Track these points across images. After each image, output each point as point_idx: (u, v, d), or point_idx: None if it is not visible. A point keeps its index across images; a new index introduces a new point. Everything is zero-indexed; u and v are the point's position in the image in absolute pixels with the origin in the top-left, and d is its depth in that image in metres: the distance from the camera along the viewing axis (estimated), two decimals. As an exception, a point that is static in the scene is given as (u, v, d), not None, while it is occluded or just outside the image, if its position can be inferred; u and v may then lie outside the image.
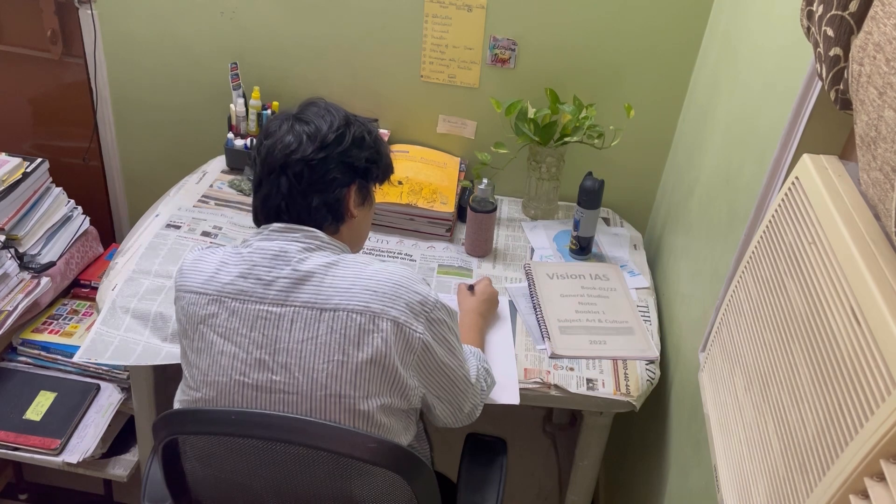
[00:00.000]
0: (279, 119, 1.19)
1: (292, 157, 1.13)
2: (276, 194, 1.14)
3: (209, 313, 1.09)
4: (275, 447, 1.06)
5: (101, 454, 1.65)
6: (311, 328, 1.05)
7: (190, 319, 1.11)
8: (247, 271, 1.09)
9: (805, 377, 0.80)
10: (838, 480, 0.68)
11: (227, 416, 1.06)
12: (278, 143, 1.14)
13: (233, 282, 1.09)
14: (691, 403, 1.40)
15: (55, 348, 1.71)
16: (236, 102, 1.90)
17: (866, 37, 0.68)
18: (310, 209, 1.15)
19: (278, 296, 1.07)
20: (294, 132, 1.15)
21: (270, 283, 1.07)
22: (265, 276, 1.08)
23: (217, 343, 1.08)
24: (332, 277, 1.08)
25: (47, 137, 2.19)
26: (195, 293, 1.10)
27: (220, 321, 1.08)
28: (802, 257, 0.85)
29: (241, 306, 1.08)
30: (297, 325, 1.06)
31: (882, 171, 0.66)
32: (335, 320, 1.05)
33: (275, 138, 1.15)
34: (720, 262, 1.33)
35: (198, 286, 1.11)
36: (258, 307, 1.07)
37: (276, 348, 1.06)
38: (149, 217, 1.75)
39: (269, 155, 1.15)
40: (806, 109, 1.03)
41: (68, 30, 1.98)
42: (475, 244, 1.74)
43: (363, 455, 1.02)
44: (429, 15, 1.80)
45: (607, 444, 1.59)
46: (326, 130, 1.16)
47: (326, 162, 1.15)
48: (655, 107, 1.83)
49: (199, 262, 1.14)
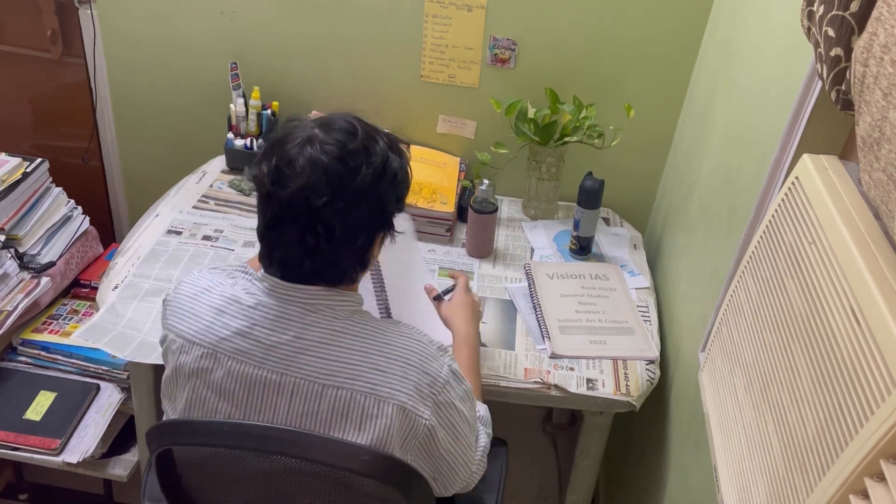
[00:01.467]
0: (301, 139, 0.99)
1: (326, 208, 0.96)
2: (298, 247, 0.99)
3: (202, 367, 1.02)
4: (269, 459, 1.02)
5: (101, 454, 1.65)
6: (312, 403, 0.99)
7: (181, 368, 1.03)
8: (247, 330, 1.01)
9: (805, 377, 0.80)
10: (838, 480, 0.68)
11: (220, 428, 1.02)
12: (306, 189, 0.95)
13: (230, 338, 1.01)
14: (691, 403, 1.40)
15: (55, 348, 1.71)
16: (236, 102, 1.90)
17: (871, 38, 0.68)
18: (336, 265, 1.02)
19: (278, 364, 0.99)
20: (326, 171, 0.96)
21: (270, 348, 1.00)
22: (265, 339, 1.00)
23: (211, 400, 1.02)
24: (339, 349, 0.99)
25: (47, 137, 2.19)
26: (187, 341, 1.03)
27: (216, 378, 1.01)
28: (802, 257, 0.85)
29: (239, 367, 1.00)
30: (297, 397, 0.99)
31: (885, 172, 0.66)
32: (337, 399, 0.98)
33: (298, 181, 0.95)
34: (720, 262, 1.33)
35: (191, 334, 1.03)
36: (257, 372, 1.00)
37: (275, 417, 1.00)
38: (149, 217, 1.75)
39: (292, 200, 0.96)
40: (806, 110, 1.03)
41: (68, 30, 1.98)
42: (476, 245, 1.74)
43: (357, 467, 0.98)
44: (429, 15, 1.80)
45: (607, 444, 1.59)
46: (364, 172, 0.98)
47: (360, 209, 1.00)
48: (655, 107, 1.83)
49: (192, 302, 1.05)
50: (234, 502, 1.14)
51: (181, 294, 1.08)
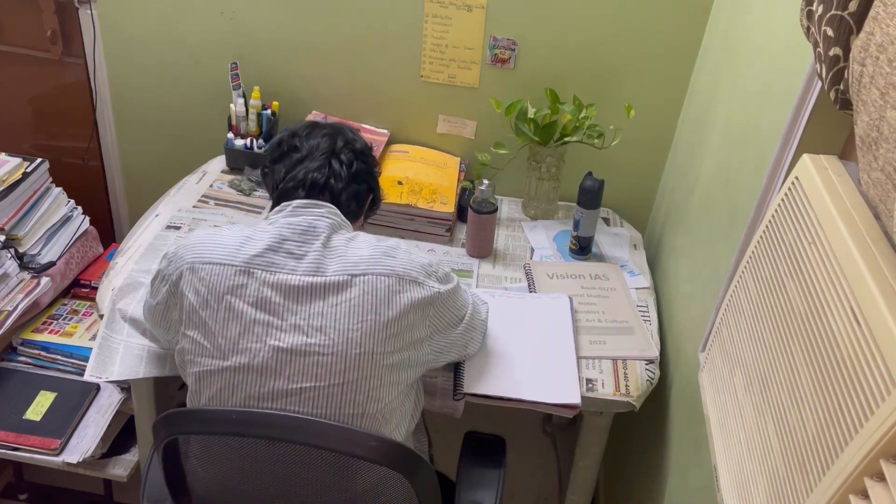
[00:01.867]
0: (311, 123, 1.35)
1: (347, 146, 1.29)
2: (327, 170, 1.24)
3: (237, 284, 1.11)
4: (276, 446, 1.07)
5: (101, 454, 1.65)
6: (345, 292, 1.11)
7: (213, 290, 1.11)
8: (276, 245, 1.13)
9: (805, 377, 0.80)
10: (838, 480, 0.68)
11: (227, 416, 1.07)
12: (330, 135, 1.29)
13: (262, 254, 1.12)
14: (691, 403, 1.40)
15: (55, 348, 1.71)
16: (236, 102, 1.90)
17: (868, 37, 0.68)
18: (348, 194, 1.26)
19: (310, 267, 1.12)
20: (342, 134, 1.31)
21: (302, 258, 1.13)
22: (296, 250, 1.13)
23: (248, 312, 1.10)
24: (355, 249, 1.16)
25: (47, 137, 2.19)
26: (219, 264, 1.12)
27: (251, 291, 1.11)
28: (802, 257, 0.85)
29: (273, 277, 1.11)
30: (330, 290, 1.11)
31: (884, 171, 0.66)
32: (366, 283, 1.12)
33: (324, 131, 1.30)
34: (720, 262, 1.33)
35: (221, 258, 1.13)
36: (290, 277, 1.11)
37: (311, 313, 1.10)
38: (149, 217, 1.75)
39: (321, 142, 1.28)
40: (806, 109, 1.03)
41: (68, 30, 1.99)
42: (476, 245, 1.74)
43: (364, 453, 1.04)
44: (429, 15, 1.80)
45: (607, 444, 1.59)
46: (364, 143, 1.35)
47: (365, 163, 1.32)
48: (655, 107, 1.83)
49: (213, 236, 1.16)
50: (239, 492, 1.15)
51: (194, 237, 1.18)
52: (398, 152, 1.94)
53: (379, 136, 1.95)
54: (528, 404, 1.37)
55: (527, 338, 1.48)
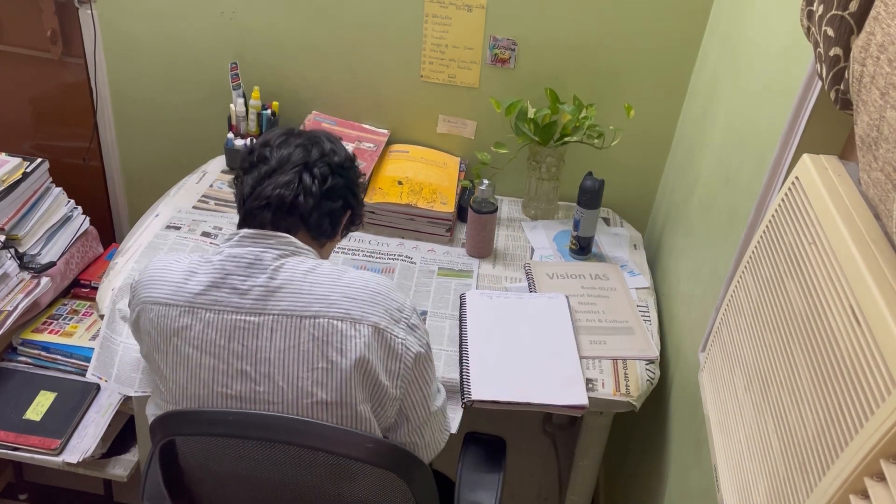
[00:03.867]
0: (287, 131, 1.21)
1: (323, 159, 1.16)
2: (296, 186, 1.12)
3: (182, 325, 1.05)
4: (273, 448, 1.05)
5: (101, 454, 1.65)
6: (293, 336, 1.03)
7: (161, 332, 1.06)
8: (220, 280, 1.06)
9: (805, 377, 0.80)
10: (838, 480, 0.68)
11: (224, 417, 1.05)
12: (306, 144, 1.17)
13: (205, 291, 1.05)
14: (691, 403, 1.40)
15: (55, 348, 1.71)
16: (236, 102, 1.90)
17: (868, 37, 0.68)
18: (320, 213, 1.15)
19: (255, 305, 1.04)
20: (318, 145, 1.18)
21: (246, 293, 1.05)
22: (240, 285, 1.05)
23: (194, 356, 1.05)
24: (311, 284, 1.06)
25: (47, 137, 2.19)
26: (163, 305, 1.06)
27: (195, 333, 1.04)
28: (802, 257, 0.85)
29: (216, 317, 1.04)
30: (277, 333, 1.03)
31: (883, 171, 0.66)
32: (316, 327, 1.03)
33: (297, 141, 1.17)
34: (720, 262, 1.33)
35: (166, 297, 1.06)
36: (235, 317, 1.04)
37: (258, 358, 1.04)
38: (149, 217, 1.75)
39: (293, 153, 1.15)
40: (806, 109, 1.03)
41: (68, 30, 1.99)
42: (476, 245, 1.74)
43: (361, 455, 1.03)
44: (429, 15, 1.80)
45: (607, 444, 1.59)
46: (344, 155, 1.22)
47: (343, 178, 1.19)
48: (655, 107, 1.83)
49: (162, 271, 1.09)
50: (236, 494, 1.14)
51: (148, 271, 1.12)
52: (398, 152, 1.94)
53: (379, 136, 1.95)
54: (537, 407, 1.37)
55: (528, 339, 1.48)
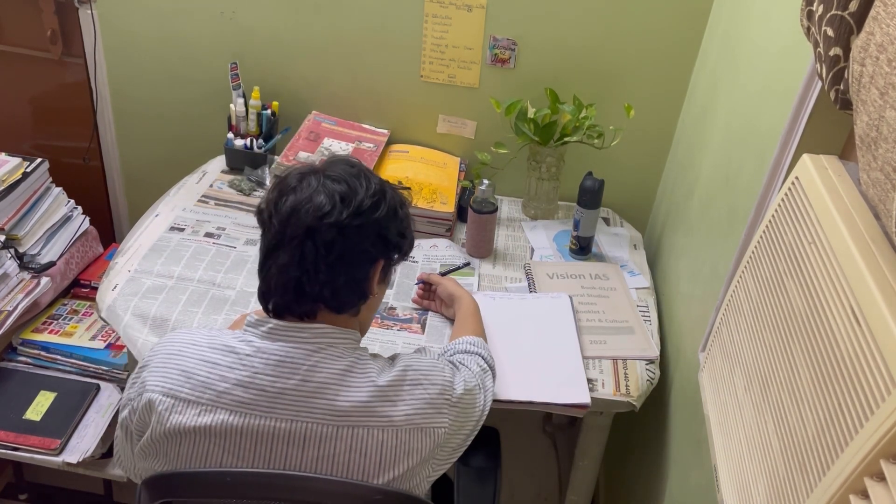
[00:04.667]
0: (300, 173, 1.02)
1: (324, 220, 0.96)
2: (298, 265, 0.97)
3: (202, 425, 0.95)
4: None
5: (101, 454, 1.65)
6: (327, 446, 0.95)
7: (174, 429, 0.95)
8: (248, 380, 0.96)
9: (805, 377, 0.80)
10: (838, 480, 0.68)
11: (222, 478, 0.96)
12: (305, 203, 0.97)
13: (230, 391, 0.95)
14: (691, 403, 1.40)
15: (55, 348, 1.71)
16: (236, 102, 1.90)
17: (868, 37, 0.68)
18: (334, 287, 0.99)
19: (287, 411, 0.95)
20: (326, 190, 0.98)
21: (277, 396, 0.95)
22: (269, 387, 0.95)
23: (215, 455, 0.95)
24: (348, 389, 0.97)
25: (47, 137, 2.19)
26: (180, 400, 0.96)
27: (217, 433, 0.95)
28: (802, 257, 0.85)
29: (243, 420, 0.95)
30: (310, 443, 0.95)
31: (883, 171, 0.66)
32: (354, 438, 0.95)
33: (299, 196, 0.98)
34: (720, 262, 1.33)
35: (185, 393, 0.96)
36: (264, 423, 0.95)
37: (287, 465, 0.95)
38: (149, 217, 1.75)
39: (292, 215, 0.97)
40: (806, 109, 1.03)
41: (68, 30, 1.99)
42: (476, 245, 1.74)
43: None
44: (429, 15, 1.80)
45: (607, 444, 1.59)
46: (363, 194, 1.00)
47: (361, 231, 0.99)
48: (655, 107, 1.83)
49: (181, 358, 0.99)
50: None
51: (161, 353, 1.01)
52: (398, 152, 1.94)
53: (379, 136, 1.95)
54: (539, 406, 1.37)
55: (531, 339, 1.48)
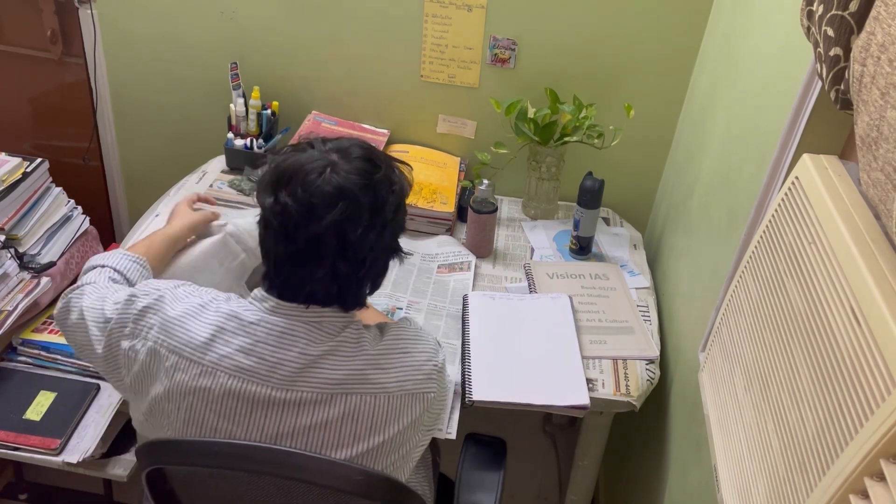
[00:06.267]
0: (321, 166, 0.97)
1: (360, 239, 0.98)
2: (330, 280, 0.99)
3: (201, 386, 0.98)
4: (261, 478, 1.00)
5: (101, 454, 1.64)
6: (321, 412, 0.98)
7: (176, 386, 0.99)
8: (249, 347, 0.99)
9: (805, 377, 0.80)
10: (838, 480, 0.68)
11: (210, 448, 0.98)
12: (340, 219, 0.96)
13: (231, 355, 0.99)
14: (691, 403, 1.40)
15: (55, 348, 1.71)
16: (236, 102, 1.90)
17: (869, 37, 0.68)
18: (359, 292, 1.05)
19: (284, 381, 0.98)
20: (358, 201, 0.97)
21: (276, 365, 0.99)
22: (269, 356, 0.99)
23: (209, 420, 0.99)
24: (343, 359, 1.00)
25: (47, 137, 2.19)
26: (183, 358, 1.00)
27: (215, 397, 0.98)
28: (802, 257, 0.85)
29: (241, 385, 0.98)
30: (304, 408, 0.98)
31: (883, 171, 0.66)
32: (348, 404, 0.99)
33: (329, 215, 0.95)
34: (720, 262, 1.33)
35: (189, 352, 1.00)
36: (262, 390, 0.98)
37: (279, 432, 0.99)
38: (149, 217, 1.75)
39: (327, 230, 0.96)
40: (806, 109, 1.03)
41: (68, 30, 1.99)
42: (476, 244, 1.74)
43: (351, 488, 0.97)
44: (429, 15, 1.80)
45: (607, 444, 1.59)
46: (391, 199, 1.02)
47: (384, 238, 1.03)
48: (655, 106, 1.83)
49: (188, 318, 1.02)
50: None
51: (171, 309, 1.04)
52: (398, 152, 1.94)
53: (379, 136, 1.95)
54: (538, 407, 1.37)
55: (530, 339, 1.48)
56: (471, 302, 1.57)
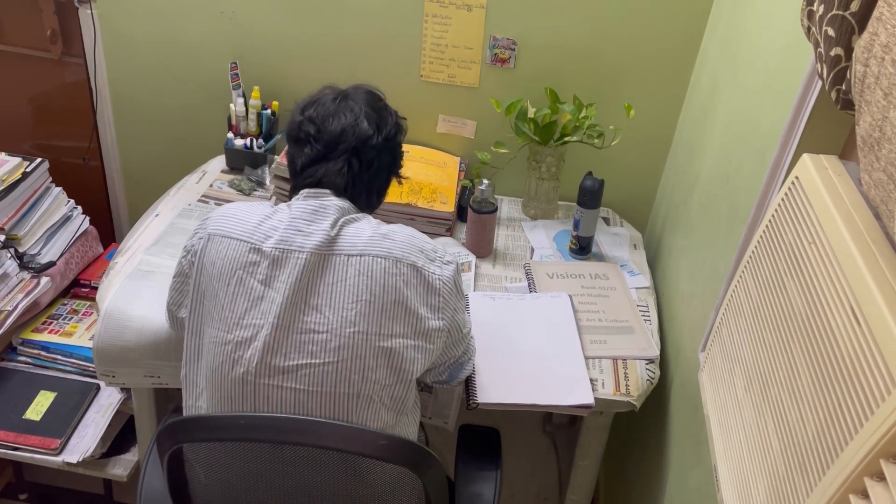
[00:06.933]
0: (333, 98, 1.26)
1: (368, 143, 1.24)
2: (345, 173, 1.22)
3: (250, 261, 1.15)
4: (282, 449, 1.07)
5: (101, 454, 1.65)
6: (341, 272, 1.14)
7: (227, 264, 1.15)
8: (289, 223, 1.17)
9: (805, 377, 0.80)
10: (838, 480, 0.68)
11: (235, 422, 1.07)
12: (352, 126, 1.23)
13: (273, 231, 1.16)
14: (691, 403, 1.40)
15: (55, 348, 1.71)
16: (236, 102, 1.90)
17: (871, 38, 0.68)
18: (368, 192, 1.27)
19: (315, 246, 1.14)
20: (369, 115, 1.25)
21: (310, 235, 1.15)
22: (304, 228, 1.16)
23: (257, 289, 1.14)
24: (357, 229, 1.18)
25: (47, 137, 2.19)
26: (236, 240, 1.16)
27: (262, 269, 1.14)
28: (802, 257, 0.85)
29: (282, 255, 1.14)
30: (328, 270, 1.14)
31: (886, 172, 0.66)
32: (362, 264, 1.14)
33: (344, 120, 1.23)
34: (720, 262, 1.33)
35: (239, 234, 1.17)
36: (297, 255, 1.14)
37: (310, 291, 1.13)
38: (149, 217, 1.75)
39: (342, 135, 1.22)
40: (806, 109, 1.03)
41: (68, 30, 1.98)
42: (476, 244, 1.74)
43: (374, 452, 1.05)
44: (429, 15, 1.80)
45: (607, 444, 1.59)
46: (391, 123, 1.29)
47: (388, 151, 1.29)
48: (655, 106, 1.83)
49: (237, 211, 1.20)
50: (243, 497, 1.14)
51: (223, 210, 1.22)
52: (398, 152, 1.94)
53: (379, 135, 1.95)
54: (543, 408, 1.37)
55: (532, 339, 1.48)
56: (471, 302, 1.57)
